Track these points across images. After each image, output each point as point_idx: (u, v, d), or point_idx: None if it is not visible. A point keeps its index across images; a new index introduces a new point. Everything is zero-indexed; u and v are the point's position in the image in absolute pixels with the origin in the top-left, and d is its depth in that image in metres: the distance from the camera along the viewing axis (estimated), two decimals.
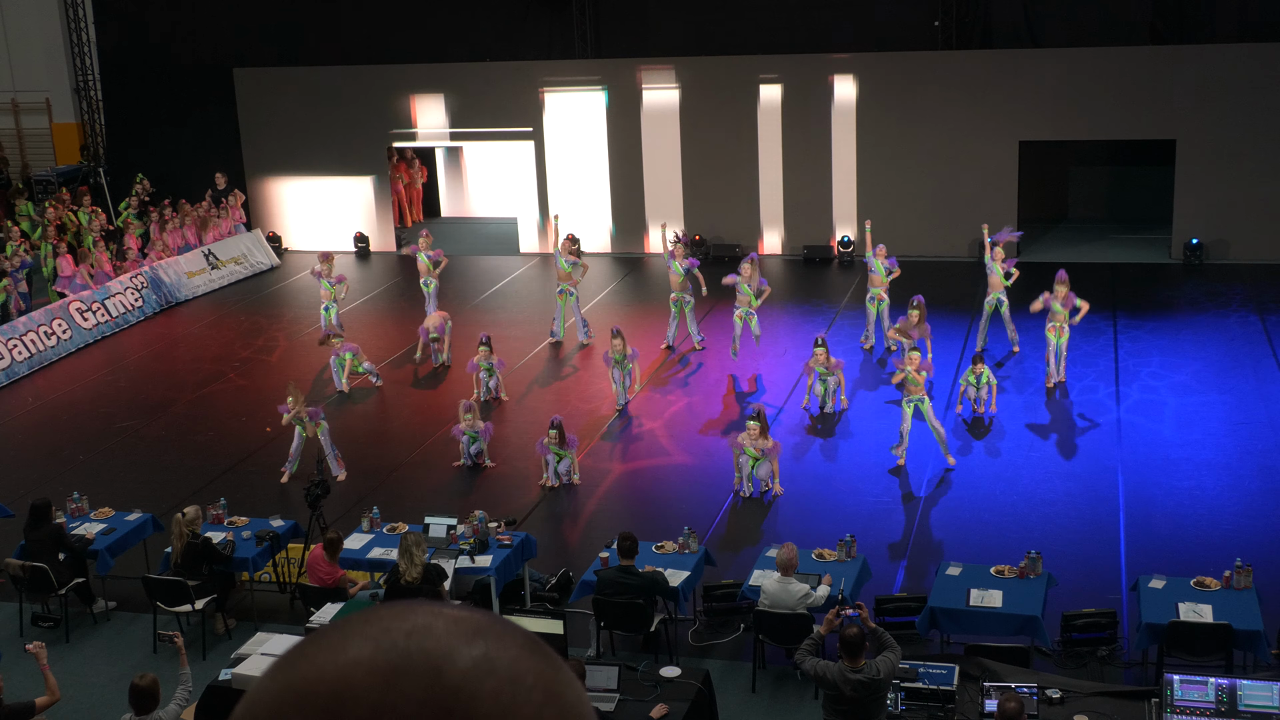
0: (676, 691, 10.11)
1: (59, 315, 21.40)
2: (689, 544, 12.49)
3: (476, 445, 15.79)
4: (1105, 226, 25.62)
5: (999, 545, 13.18)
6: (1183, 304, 21.12)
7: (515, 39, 26.18)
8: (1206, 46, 22.90)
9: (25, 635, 12.43)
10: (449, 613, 1.18)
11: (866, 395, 17.71)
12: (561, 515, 14.90)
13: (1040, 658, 11.15)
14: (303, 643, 1.18)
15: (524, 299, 23.00)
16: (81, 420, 18.59)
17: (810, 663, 9.52)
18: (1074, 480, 15.03)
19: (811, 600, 11.13)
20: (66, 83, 31.00)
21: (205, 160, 26.71)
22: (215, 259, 24.85)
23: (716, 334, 19.81)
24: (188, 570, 12.31)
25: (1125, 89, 23.14)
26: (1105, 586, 12.58)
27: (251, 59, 26.83)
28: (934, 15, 24.37)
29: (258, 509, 14.17)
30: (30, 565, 12.61)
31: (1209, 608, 10.91)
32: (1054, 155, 25.82)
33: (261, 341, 21.59)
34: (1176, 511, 14.12)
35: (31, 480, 16.07)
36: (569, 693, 1.17)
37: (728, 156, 24.84)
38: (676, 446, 16.53)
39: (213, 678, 10.71)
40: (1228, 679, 9.59)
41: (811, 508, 14.69)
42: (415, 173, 28.77)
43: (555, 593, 12.81)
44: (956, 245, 24.00)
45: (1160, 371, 18.04)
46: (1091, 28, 23.89)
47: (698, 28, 25.48)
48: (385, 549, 12.69)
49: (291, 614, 12.77)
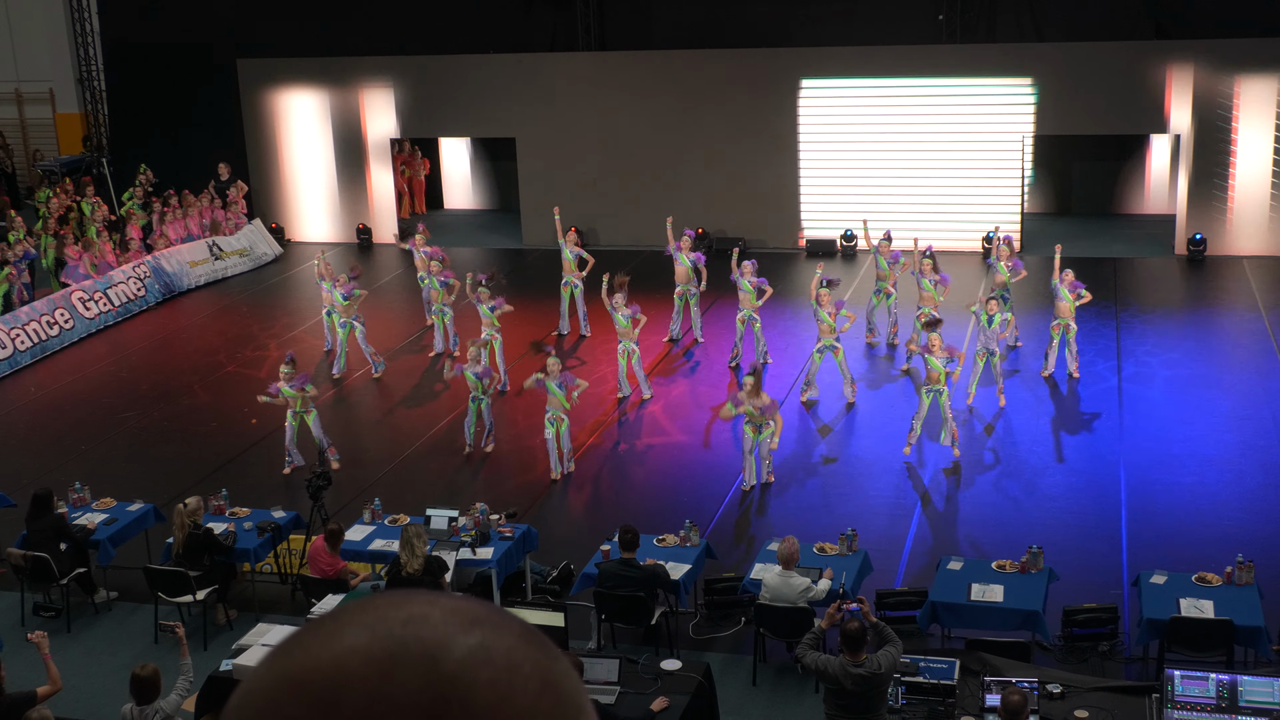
0: (677, 684, 10.11)
1: (61, 305, 21.41)
2: (690, 537, 12.49)
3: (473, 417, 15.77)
4: (1108, 221, 25.61)
5: (1000, 540, 13.18)
6: (1186, 299, 21.10)
7: (519, 32, 26.16)
8: (1210, 41, 22.86)
9: (27, 625, 12.43)
10: (445, 602, 1.18)
11: (869, 389, 17.69)
12: (563, 508, 14.91)
13: (1041, 653, 11.16)
14: (299, 632, 1.18)
15: (530, 291, 22.94)
16: (83, 410, 18.60)
17: (811, 657, 9.52)
18: (1076, 475, 15.03)
19: (813, 594, 11.13)
20: (70, 73, 31.00)
21: (208, 150, 26.70)
22: (219, 250, 24.86)
23: (721, 332, 19.77)
24: (189, 561, 12.32)
25: (1128, 83, 23.11)
26: (1107, 581, 12.58)
27: (255, 49, 26.82)
28: (938, 9, 24.35)
29: (259, 500, 14.18)
30: (32, 555, 12.62)
31: (1210, 603, 10.91)
32: (1057, 149, 25.80)
33: (263, 332, 21.60)
34: (1178, 507, 14.12)
35: (33, 470, 16.08)
36: (566, 682, 1.17)
37: (730, 149, 24.81)
38: (679, 439, 16.53)
39: (214, 668, 10.73)
40: (1228, 675, 9.59)
41: (813, 501, 14.70)
42: (418, 164, 28.76)
43: (556, 585, 12.83)
44: (959, 239, 23.99)
45: (1162, 366, 18.03)
46: (1094, 21, 23.86)
47: (702, 21, 25.46)
48: (387, 540, 12.70)
49: (293, 605, 12.80)
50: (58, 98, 31.69)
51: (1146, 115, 23.38)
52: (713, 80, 24.76)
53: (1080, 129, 24.32)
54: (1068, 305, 17.29)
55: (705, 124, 24.86)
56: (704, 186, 25.07)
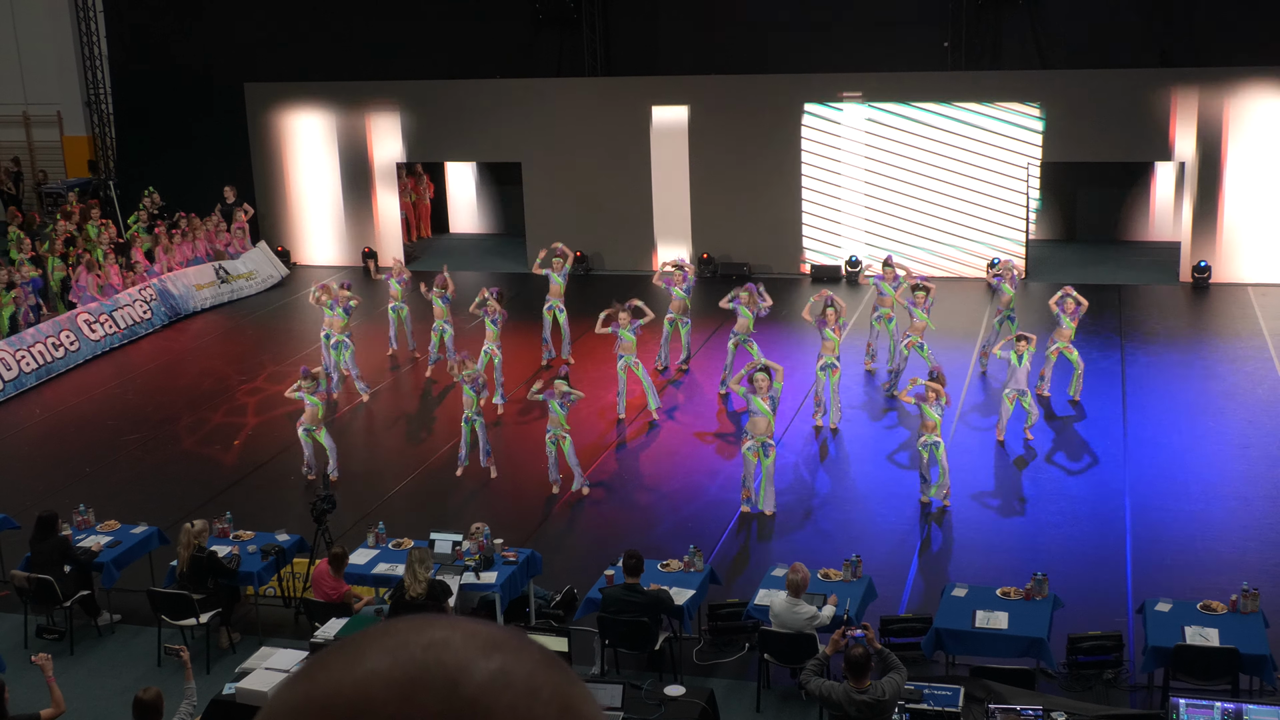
0: (680, 710, 10.10)
1: (67, 327, 21.44)
2: (694, 562, 12.48)
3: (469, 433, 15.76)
4: (1113, 248, 25.64)
5: (1005, 567, 13.16)
6: (1191, 326, 21.10)
7: (525, 56, 26.27)
8: (1216, 69, 22.92)
9: (30, 647, 12.42)
10: (466, 626, 1.19)
11: (867, 415, 17.68)
12: (567, 532, 14.90)
13: (1045, 680, 11.12)
14: (320, 654, 1.19)
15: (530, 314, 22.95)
16: (88, 432, 18.61)
17: (815, 683, 9.51)
18: (1080, 502, 15.01)
19: (818, 621, 11.12)
20: (78, 96, 31.11)
21: (215, 174, 26.78)
22: (225, 273, 24.92)
23: (714, 357, 19.76)
24: (193, 584, 12.32)
25: (1133, 111, 23.16)
26: (1111, 609, 12.55)
27: (262, 73, 26.93)
28: (944, 36, 24.43)
29: (264, 523, 14.17)
30: (35, 577, 12.61)
31: (1215, 631, 10.89)
32: (1062, 176, 25.84)
33: (269, 355, 21.62)
34: (1183, 534, 14.10)
35: (38, 492, 16.09)
36: (585, 707, 1.18)
37: (737, 175, 24.86)
38: (681, 465, 16.52)
39: (217, 692, 10.72)
40: (1234, 703, 9.56)
41: (817, 527, 14.68)
42: (423, 188, 28.83)
43: (560, 610, 12.81)
44: (965, 265, 24.03)
45: (1167, 394, 18.02)
46: (1101, 49, 23.94)
47: (708, 46, 25.56)
48: (390, 564, 12.69)
49: (296, 628, 12.78)
50: (65, 121, 31.80)
51: (1151, 142, 23.43)
52: (717, 105, 24.82)
53: (1085, 156, 24.36)
54: (1068, 330, 17.31)
55: (710, 148, 24.91)
56: (708, 210, 25.10)
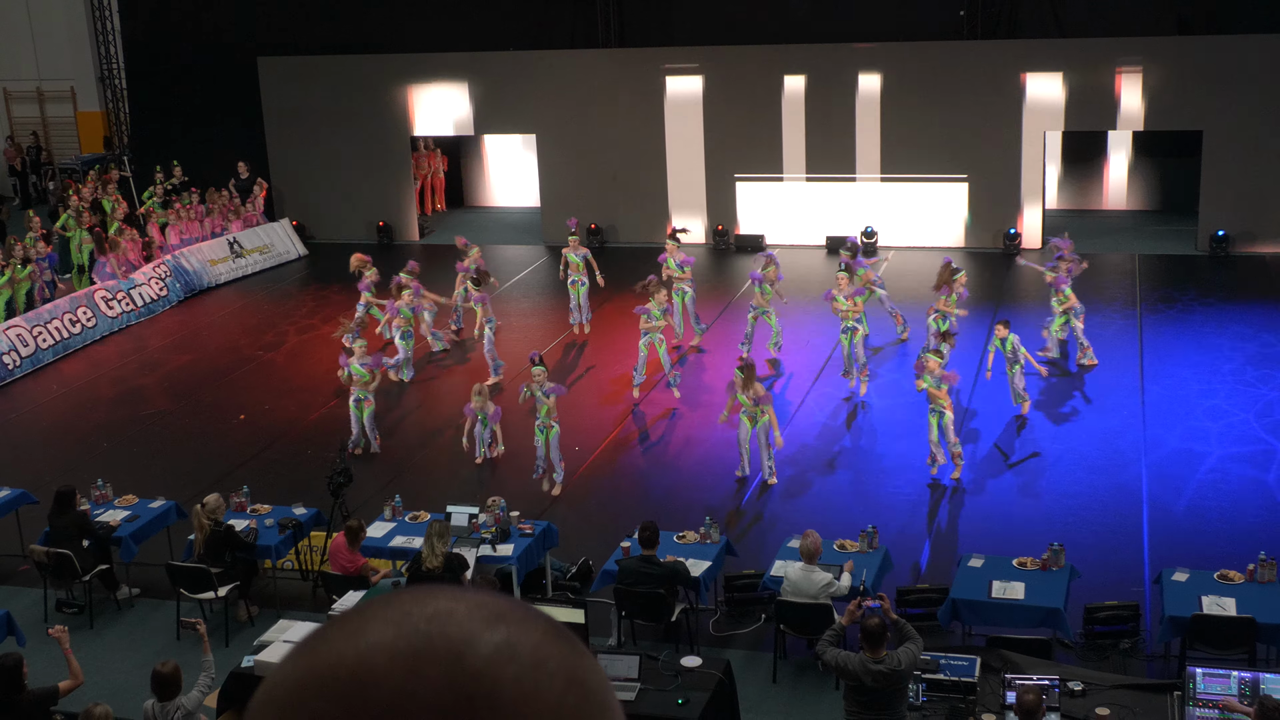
0: (697, 681, 10.11)
1: (84, 303, 21.49)
2: (710, 534, 12.49)
3: (488, 430, 15.71)
4: (1131, 217, 25.52)
5: (1021, 537, 13.14)
6: (1208, 296, 21.00)
7: (539, 29, 26.18)
8: (1234, 37, 22.74)
9: (49, 621, 12.47)
10: (471, 597, 1.18)
11: (888, 384, 17.64)
12: (583, 505, 14.91)
13: (1062, 650, 11.12)
14: (323, 627, 1.18)
15: (546, 289, 22.97)
16: (106, 408, 18.67)
17: (831, 653, 9.51)
18: (1097, 472, 14.96)
19: (834, 590, 11.11)
20: (91, 71, 31.12)
21: (229, 149, 26.77)
22: (240, 247, 24.95)
23: (731, 328, 19.73)
24: (211, 558, 12.36)
25: (1151, 79, 22.99)
26: (1128, 579, 12.54)
27: (275, 48, 26.88)
28: (960, 4, 24.27)
29: (281, 497, 14.21)
30: (54, 552, 12.67)
31: (1232, 601, 10.86)
32: (1081, 146, 25.70)
33: (284, 330, 21.65)
34: (1200, 504, 14.06)
35: (56, 467, 16.15)
36: (592, 678, 1.16)
37: (750, 146, 24.77)
38: (697, 437, 16.51)
39: (235, 665, 10.76)
40: (1250, 672, 9.55)
41: (832, 498, 14.67)
42: (437, 162, 28.80)
43: (576, 582, 12.83)
44: (982, 237, 23.93)
45: (1184, 363, 17.95)
46: (1118, 17, 23.76)
47: (723, 16, 25.42)
48: (407, 537, 12.73)
49: (314, 602, 12.83)
50: (79, 96, 31.82)
51: (1169, 111, 23.23)
52: (731, 75, 24.71)
53: (1103, 125, 24.19)
54: (1072, 294, 17.43)
55: (723, 119, 24.81)
56: (724, 182, 25.03)
